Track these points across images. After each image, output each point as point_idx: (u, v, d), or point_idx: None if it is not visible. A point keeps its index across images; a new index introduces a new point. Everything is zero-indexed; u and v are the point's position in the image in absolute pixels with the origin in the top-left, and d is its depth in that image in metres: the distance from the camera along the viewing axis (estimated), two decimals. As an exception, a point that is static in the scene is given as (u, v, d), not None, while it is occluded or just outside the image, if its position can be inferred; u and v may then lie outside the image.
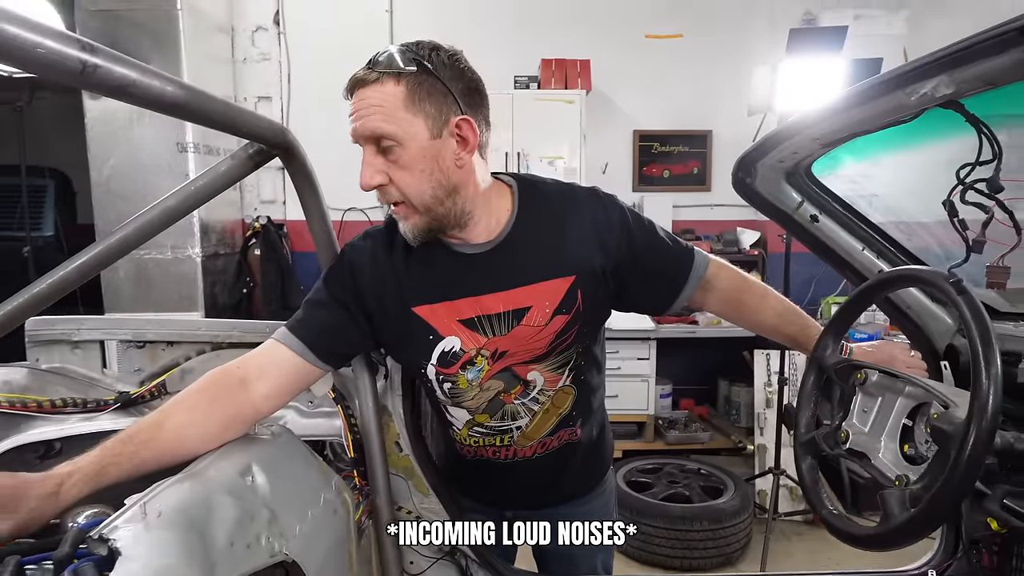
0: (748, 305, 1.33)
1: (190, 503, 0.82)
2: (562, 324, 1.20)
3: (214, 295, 4.09)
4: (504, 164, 3.95)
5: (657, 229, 1.28)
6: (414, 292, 1.18)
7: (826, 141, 1.08)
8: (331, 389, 1.41)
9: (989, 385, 0.81)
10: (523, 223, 1.19)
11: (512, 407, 1.27)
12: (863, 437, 1.12)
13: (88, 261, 1.15)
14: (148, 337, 1.49)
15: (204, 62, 4.06)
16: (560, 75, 3.98)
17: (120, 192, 3.87)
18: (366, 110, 1.03)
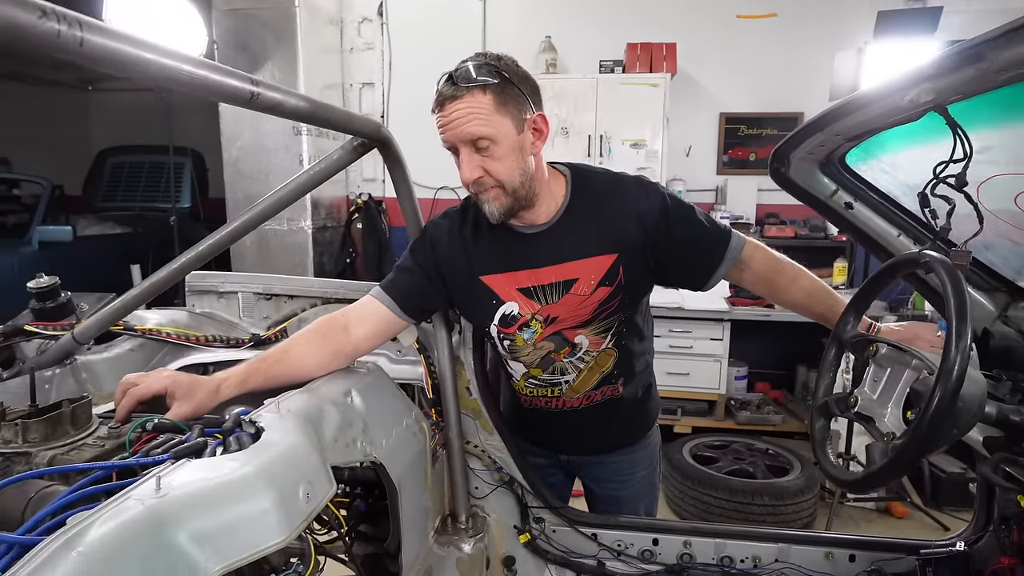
0: (779, 285, 1.49)
1: (308, 407, 1.12)
2: (605, 295, 1.43)
3: (322, 263, 4.56)
4: (587, 147, 4.13)
5: (696, 213, 1.46)
6: (481, 263, 1.44)
7: (847, 136, 1.22)
8: (415, 341, 1.71)
9: (956, 354, 0.95)
10: (574, 207, 1.42)
11: (561, 364, 1.51)
12: (871, 403, 1.27)
13: (234, 229, 1.50)
14: (274, 291, 1.86)
15: (317, 52, 4.49)
16: (645, 59, 4.09)
17: (246, 170, 4.40)
18: (463, 118, 1.27)
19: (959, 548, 1.40)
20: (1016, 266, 1.33)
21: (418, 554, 1.47)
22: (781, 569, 1.57)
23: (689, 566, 1.62)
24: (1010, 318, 1.37)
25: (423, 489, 1.51)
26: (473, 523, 1.66)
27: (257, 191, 4.39)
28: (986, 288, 1.40)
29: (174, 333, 1.67)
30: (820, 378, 1.35)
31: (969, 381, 0.97)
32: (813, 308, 1.47)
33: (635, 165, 4.12)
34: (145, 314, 1.76)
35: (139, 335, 1.65)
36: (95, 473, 0.85)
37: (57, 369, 1.54)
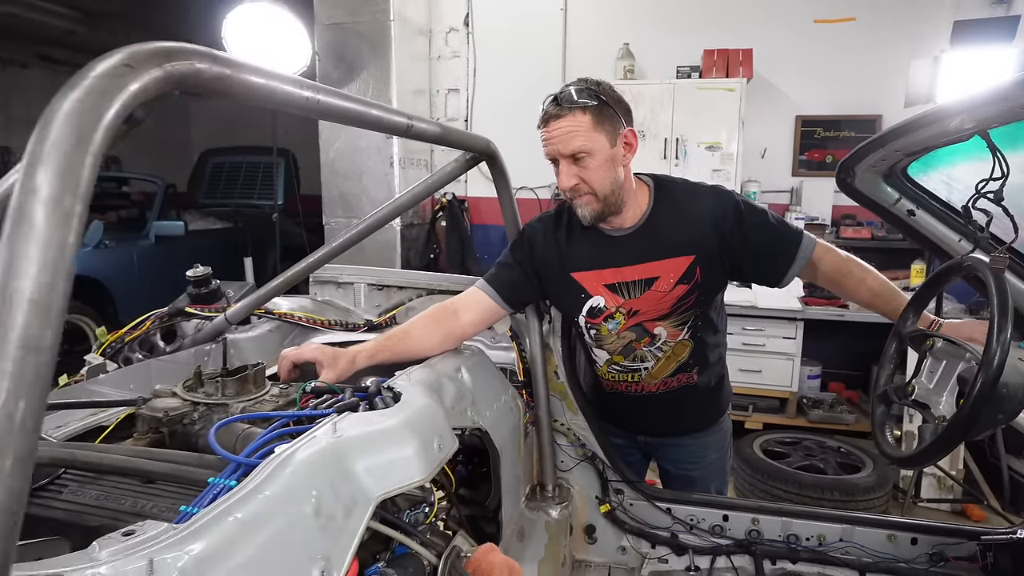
0: (847, 285, 1.60)
1: (430, 379, 1.33)
2: (683, 292, 1.58)
3: (408, 258, 4.84)
4: (663, 150, 4.23)
5: (769, 216, 1.60)
6: (572, 261, 1.63)
7: (906, 152, 1.34)
8: (508, 329, 1.91)
9: (996, 346, 1.07)
10: (657, 213, 1.59)
11: (641, 352, 1.68)
12: (927, 391, 1.38)
13: (360, 231, 1.74)
14: (386, 282, 2.10)
15: (407, 61, 4.77)
16: (722, 64, 4.15)
17: (341, 170, 4.72)
18: (566, 135, 1.46)
19: (1020, 535, 1.47)
20: None
21: (512, 516, 1.67)
22: (845, 548, 1.68)
23: (757, 541, 1.75)
24: None
25: (517, 459, 1.70)
26: (559, 492, 1.85)
27: (350, 190, 4.71)
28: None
29: (304, 317, 1.94)
30: (881, 369, 1.47)
31: (1013, 371, 1.08)
32: (879, 306, 1.57)
33: (710, 167, 4.19)
34: (278, 300, 2.04)
35: (276, 318, 1.92)
36: (281, 420, 1.09)
37: (212, 345, 1.83)
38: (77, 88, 0.48)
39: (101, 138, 0.47)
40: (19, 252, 0.42)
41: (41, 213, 0.43)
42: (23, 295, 0.41)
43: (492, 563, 1.13)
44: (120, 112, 0.48)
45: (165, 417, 1.12)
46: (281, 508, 0.81)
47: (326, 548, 0.83)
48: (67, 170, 0.44)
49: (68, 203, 0.44)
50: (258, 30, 4.13)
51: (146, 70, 0.52)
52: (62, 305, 0.43)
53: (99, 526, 0.88)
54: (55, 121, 0.46)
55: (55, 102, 0.47)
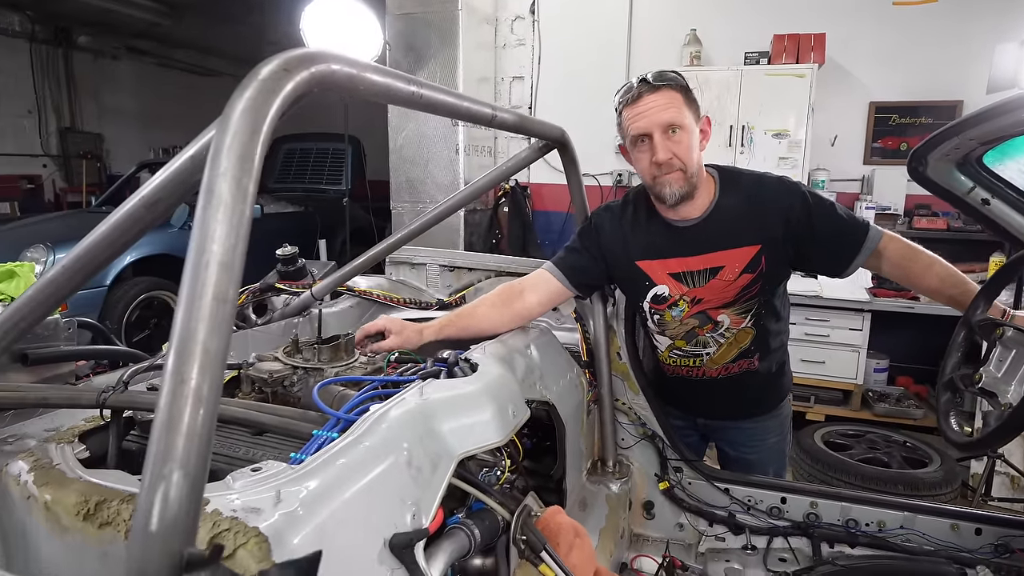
0: (913, 272, 1.61)
1: (502, 353, 1.43)
2: (747, 281, 1.62)
3: (471, 243, 4.96)
4: (728, 137, 4.20)
5: (836, 207, 1.62)
6: (638, 250, 1.68)
7: (981, 141, 1.34)
8: (574, 311, 1.98)
9: None
10: (723, 203, 1.63)
11: (703, 338, 1.72)
12: (995, 380, 1.39)
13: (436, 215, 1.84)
14: (456, 264, 2.21)
15: (473, 49, 4.87)
16: (792, 49, 4.07)
17: (408, 156, 4.88)
18: (663, 107, 1.51)
19: (1088, 527, 1.46)
20: None
21: (575, 487, 1.76)
22: (906, 535, 1.69)
23: (816, 524, 1.77)
24: None
25: (580, 434, 1.78)
26: (619, 468, 1.92)
27: (417, 176, 4.86)
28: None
29: (381, 294, 2.07)
30: (948, 357, 1.48)
31: None
32: (945, 291, 1.57)
33: (777, 155, 4.14)
34: (357, 278, 2.18)
35: (356, 295, 2.06)
36: (372, 383, 1.20)
37: (299, 318, 1.98)
38: (248, 88, 0.58)
39: (268, 128, 0.57)
40: (210, 219, 0.53)
41: (227, 189, 0.54)
42: (215, 256, 0.52)
43: (560, 523, 1.21)
44: (281, 107, 0.59)
45: (270, 378, 1.25)
46: (379, 457, 0.92)
47: (416, 495, 0.94)
48: (245, 155, 0.55)
49: (245, 182, 0.55)
50: (334, 21, 4.30)
51: (298, 72, 0.62)
52: (241, 264, 0.54)
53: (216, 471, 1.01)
54: (233, 116, 0.56)
55: (233, 100, 0.58)
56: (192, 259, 0.53)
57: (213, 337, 0.51)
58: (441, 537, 1.00)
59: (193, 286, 0.52)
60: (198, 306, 0.52)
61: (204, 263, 0.52)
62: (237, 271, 0.54)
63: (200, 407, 0.51)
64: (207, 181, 0.54)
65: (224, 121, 0.56)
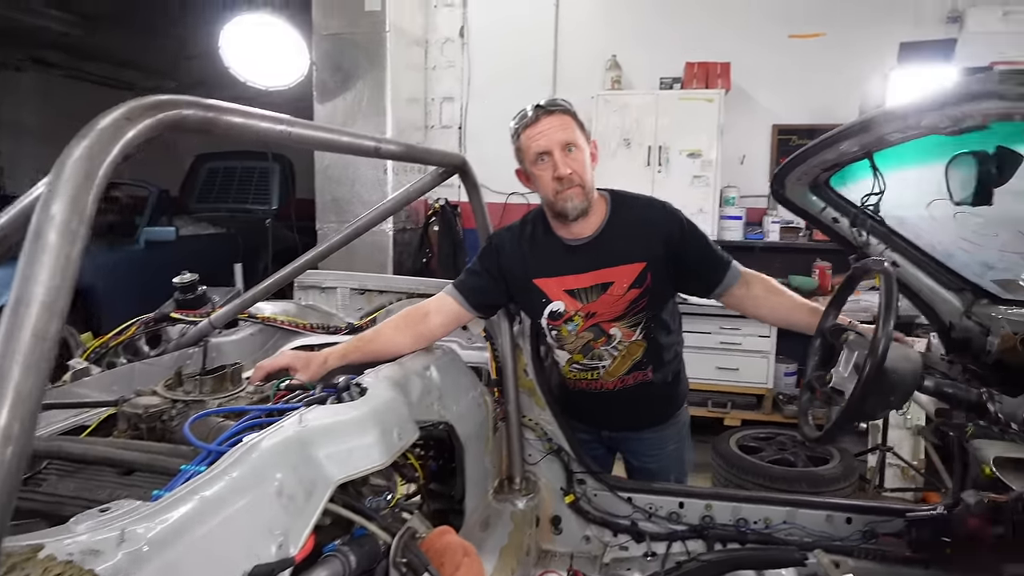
0: (771, 301, 1.76)
1: (398, 376, 1.45)
2: (635, 295, 1.71)
3: (400, 262, 4.95)
4: (647, 157, 4.36)
5: (707, 239, 1.77)
6: (535, 268, 1.75)
7: (821, 168, 1.47)
8: (483, 330, 2.02)
9: (881, 335, 1.19)
10: (613, 223, 1.71)
11: (599, 351, 1.80)
12: (842, 379, 1.48)
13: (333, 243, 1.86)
14: (367, 287, 2.23)
15: (403, 70, 4.90)
16: (702, 76, 4.28)
17: (335, 176, 4.83)
18: (559, 127, 1.63)
19: (940, 512, 1.59)
20: (977, 270, 1.54)
21: (478, 506, 1.78)
22: (788, 529, 1.79)
23: (710, 526, 1.85)
24: (974, 313, 1.58)
25: (484, 452, 1.82)
26: (526, 485, 1.95)
27: (343, 195, 4.82)
28: (954, 288, 1.62)
29: (287, 321, 2.05)
30: (807, 361, 1.60)
31: (903, 358, 1.21)
32: (800, 318, 1.71)
33: (691, 174, 4.32)
34: (262, 304, 2.13)
35: (260, 322, 2.03)
36: (253, 413, 1.20)
37: (194, 349, 1.92)
38: (86, 138, 0.61)
39: (103, 175, 0.60)
40: (35, 262, 0.55)
41: (55, 233, 0.56)
42: (37, 296, 0.54)
43: (447, 543, 1.23)
44: (118, 156, 0.62)
45: (144, 413, 1.22)
46: (245, 489, 0.91)
47: (286, 524, 0.94)
48: (76, 200, 0.57)
49: (75, 225, 0.57)
50: (256, 40, 4.24)
51: (141, 120, 0.65)
52: (66, 304, 0.56)
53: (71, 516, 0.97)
54: (67, 163, 0.59)
55: (70, 147, 0.60)
56: (13, 298, 0.54)
57: (28, 376, 0.53)
58: (315, 565, 1.00)
59: (11, 324, 0.54)
60: (14, 344, 0.53)
61: (24, 302, 0.53)
62: (60, 310, 0.55)
63: (8, 446, 0.51)
64: (35, 225, 0.56)
65: (58, 168, 0.58)
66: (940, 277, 1.66)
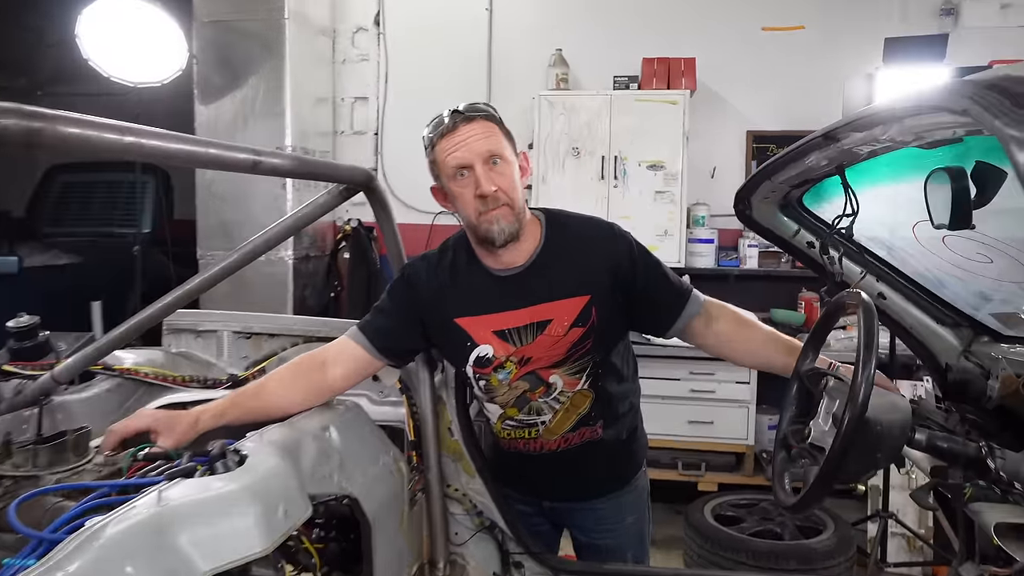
0: (741, 336, 1.80)
1: (287, 439, 1.44)
2: (578, 336, 1.74)
3: (303, 297, 4.90)
4: (600, 169, 4.49)
5: (661, 266, 1.82)
6: (457, 306, 1.77)
7: (790, 184, 1.56)
8: (398, 380, 2.02)
9: (861, 381, 1.24)
10: (549, 249, 1.75)
11: (537, 404, 1.82)
12: (823, 434, 1.55)
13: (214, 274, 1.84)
14: (254, 330, 2.20)
15: (306, 65, 4.91)
16: (663, 74, 4.46)
17: (221, 192, 4.77)
18: (481, 136, 1.64)
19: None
20: (973, 302, 1.62)
21: (391, 600, 1.76)
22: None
23: (674, 614, 1.89)
24: (973, 353, 1.66)
25: (398, 531, 1.80)
26: (451, 570, 1.95)
27: (233, 218, 4.75)
28: (950, 324, 1.70)
29: (152, 373, 2.00)
30: (782, 412, 1.65)
31: (889, 407, 1.27)
32: (775, 357, 1.76)
33: (653, 188, 4.46)
34: (121, 354, 2.08)
35: (117, 375, 1.98)
36: (100, 490, 1.18)
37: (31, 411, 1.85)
38: None
39: None
40: None
41: None
42: None
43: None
44: None
45: (-41, 493, 1.18)
46: (85, 585, 0.90)
47: (139, 634, 0.92)
48: None
49: None
50: (121, 27, 4.21)
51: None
52: None
53: None
54: None
55: None
56: None
57: None
58: None
59: None
60: None
61: None
62: None
63: None
64: None
65: None
66: (933, 311, 1.74)
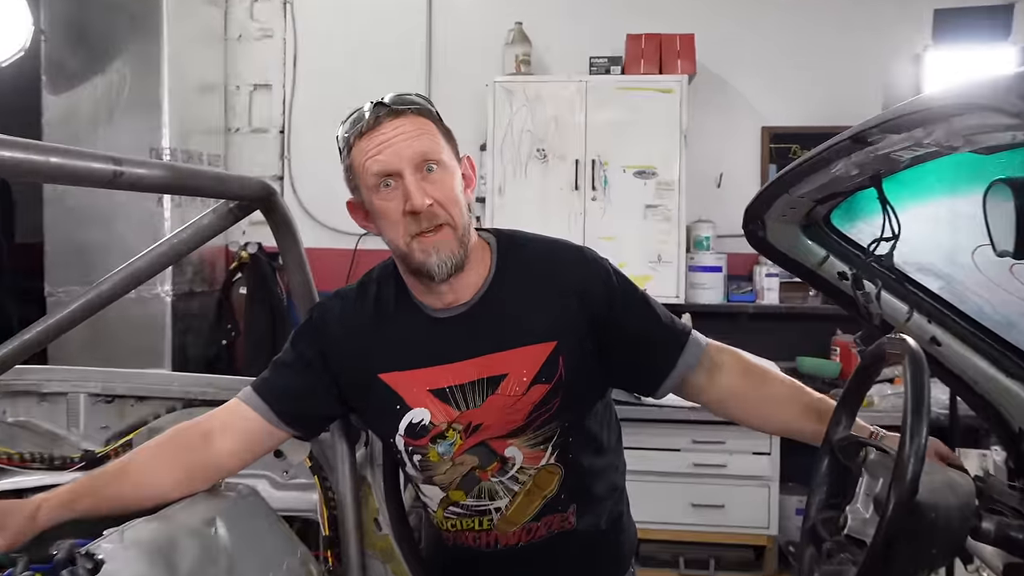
0: (755, 395, 1.81)
1: (159, 537, 1.43)
2: (541, 394, 1.74)
3: (184, 346, 4.85)
4: (573, 176, 4.54)
5: (649, 301, 1.82)
6: (381, 357, 1.76)
7: (813, 198, 1.59)
8: (307, 457, 2.01)
9: (910, 454, 1.26)
10: (501, 283, 1.76)
11: (489, 484, 1.81)
12: (862, 523, 1.57)
13: (59, 321, 1.83)
14: (117, 391, 2.18)
15: (189, 44, 4.93)
16: (653, 55, 4.53)
17: (79, 209, 4.74)
18: (412, 135, 1.62)
19: None
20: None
21: None
22: None
23: None
24: None
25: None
26: None
27: (93, 241, 4.70)
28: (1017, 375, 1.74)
29: (-23, 450, 1.97)
30: (810, 496, 1.67)
31: (946, 488, 1.28)
32: (801, 421, 1.77)
33: (642, 201, 4.52)
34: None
35: (-72, 453, 1.94)
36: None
37: None
38: None
39: None
40: None
41: None
42: None
43: None
44: None
45: None
46: None
47: None
48: None
49: None
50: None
51: None
52: None
53: None
54: None
55: None
56: None
57: None
58: None
59: None
60: None
61: None
62: None
63: None
64: None
65: None
66: (1002, 360, 1.73)
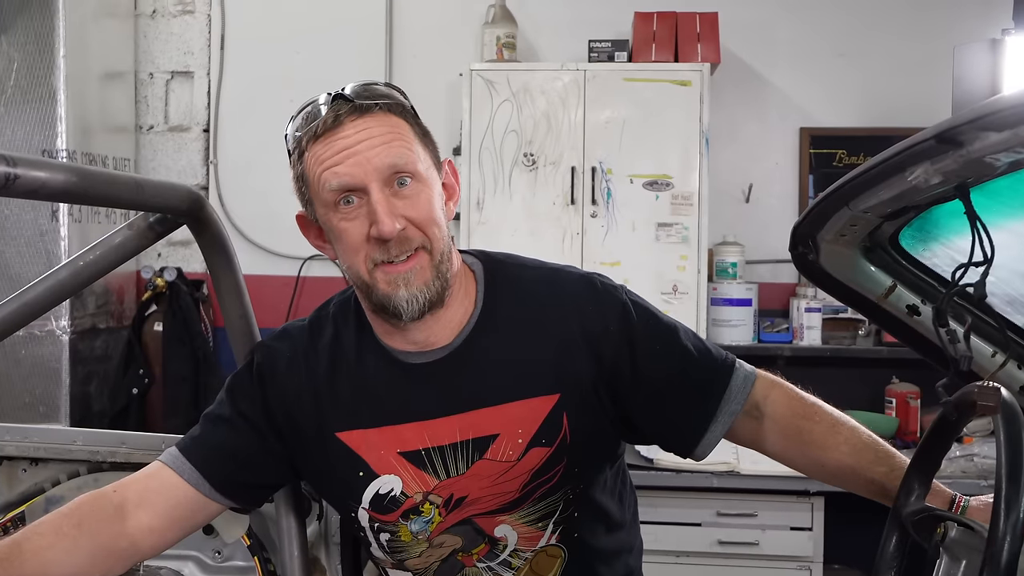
0: (813, 439, 1.77)
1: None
2: (541, 459, 1.71)
3: (86, 396, 4.82)
4: (568, 187, 4.54)
5: (680, 332, 1.78)
6: (339, 412, 1.74)
7: (880, 214, 1.59)
8: (245, 534, 1.99)
9: (1004, 531, 1.25)
10: (489, 321, 1.74)
11: (475, 571, 1.80)
12: None
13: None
14: (5, 451, 2.14)
15: (92, 22, 4.92)
16: (667, 39, 4.55)
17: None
18: (380, 138, 1.56)
19: None
20: None
21: None
22: None
23: None
24: None
25: None
26: None
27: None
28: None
29: None
30: (877, 575, 1.66)
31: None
32: (865, 473, 1.75)
33: (653, 219, 4.52)
34: None
35: None
36: None
37: None
38: None
39: None
40: None
41: None
42: None
43: None
44: None
45: None
46: None
47: None
48: None
49: None
50: None
51: None
52: None
53: None
54: None
55: None
56: None
57: None
58: None
59: None
60: None
61: None
62: None
63: None
64: None
65: None
66: None
